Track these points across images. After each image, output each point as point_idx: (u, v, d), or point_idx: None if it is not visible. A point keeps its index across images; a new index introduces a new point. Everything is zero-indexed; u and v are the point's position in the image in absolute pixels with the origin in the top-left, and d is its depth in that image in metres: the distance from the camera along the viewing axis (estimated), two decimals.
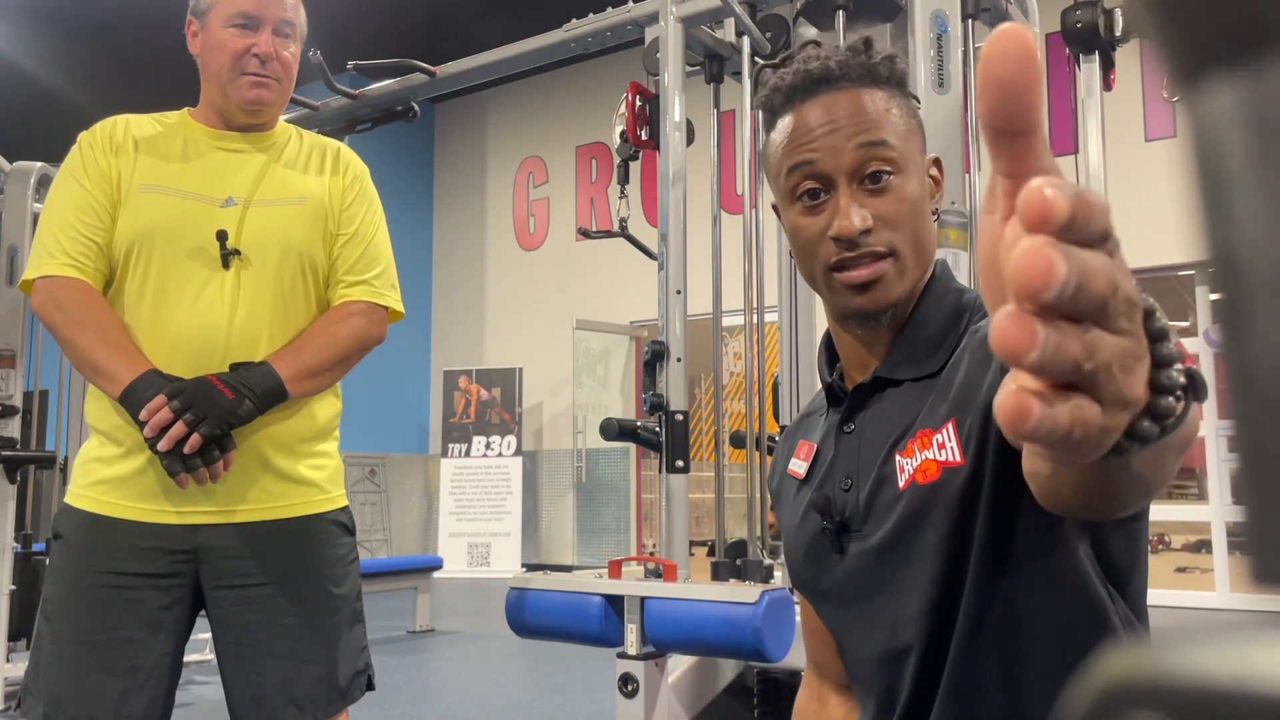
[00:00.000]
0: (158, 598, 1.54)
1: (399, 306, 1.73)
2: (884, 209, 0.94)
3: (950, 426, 0.90)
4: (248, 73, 1.62)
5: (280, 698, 1.56)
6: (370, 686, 1.69)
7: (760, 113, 1.05)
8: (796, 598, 1.22)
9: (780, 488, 1.14)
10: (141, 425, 1.47)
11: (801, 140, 0.96)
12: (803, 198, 0.97)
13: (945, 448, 0.90)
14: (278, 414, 1.58)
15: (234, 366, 1.55)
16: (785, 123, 0.99)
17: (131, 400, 1.48)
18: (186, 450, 1.46)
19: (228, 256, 1.57)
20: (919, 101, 1.10)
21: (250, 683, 1.57)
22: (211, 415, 1.48)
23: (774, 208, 1.06)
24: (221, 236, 1.57)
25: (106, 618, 1.52)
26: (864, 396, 1.01)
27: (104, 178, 1.60)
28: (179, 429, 1.45)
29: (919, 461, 0.92)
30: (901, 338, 0.99)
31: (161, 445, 1.46)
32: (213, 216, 1.59)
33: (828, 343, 1.09)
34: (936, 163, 1.01)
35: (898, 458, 0.94)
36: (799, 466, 1.09)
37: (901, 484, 0.93)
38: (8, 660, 3.78)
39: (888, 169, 0.94)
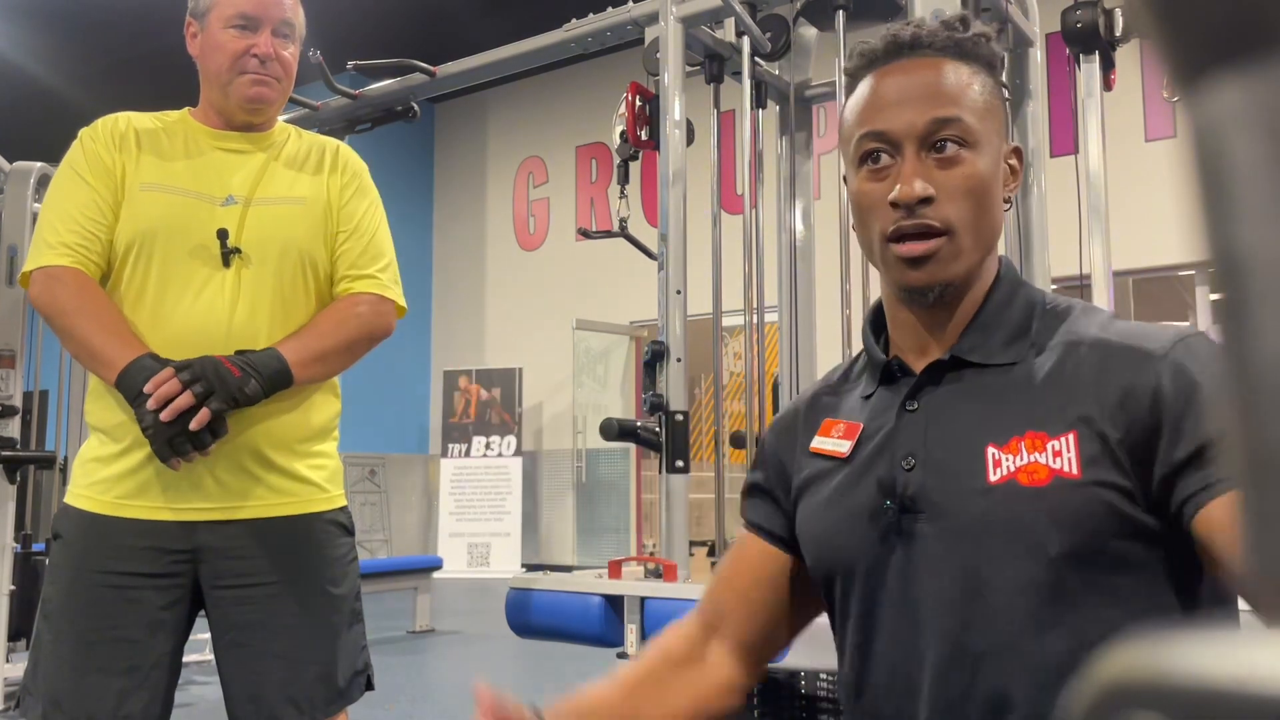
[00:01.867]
0: (156, 597, 1.53)
1: (403, 301, 1.73)
2: (948, 182, 0.92)
3: (1071, 437, 0.87)
4: (247, 72, 1.62)
5: (278, 697, 1.56)
6: (370, 686, 1.68)
7: (846, 80, 1.04)
8: (737, 540, 1.14)
9: (801, 461, 1.07)
10: (139, 407, 1.45)
11: (875, 103, 0.95)
12: (868, 161, 0.95)
13: (1062, 456, 0.87)
14: (277, 411, 1.58)
15: (238, 352, 1.54)
16: (864, 86, 0.98)
17: (128, 382, 1.46)
18: (194, 425, 1.44)
19: (228, 255, 1.57)
20: (1009, 92, 1.10)
21: (249, 682, 1.56)
22: (220, 390, 1.46)
23: (844, 179, 1.04)
24: (222, 235, 1.57)
25: (105, 617, 1.51)
26: (935, 375, 0.97)
27: (107, 174, 1.59)
28: (186, 399, 1.44)
29: (1026, 461, 0.88)
30: (976, 321, 0.96)
31: (165, 415, 1.43)
32: (213, 215, 1.59)
33: (875, 318, 1.05)
34: (1016, 152, 1.00)
35: (992, 449, 0.90)
36: (840, 446, 1.02)
37: (995, 478, 0.89)
38: (7, 660, 3.78)
39: (958, 141, 0.93)
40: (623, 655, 2.29)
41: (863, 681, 0.98)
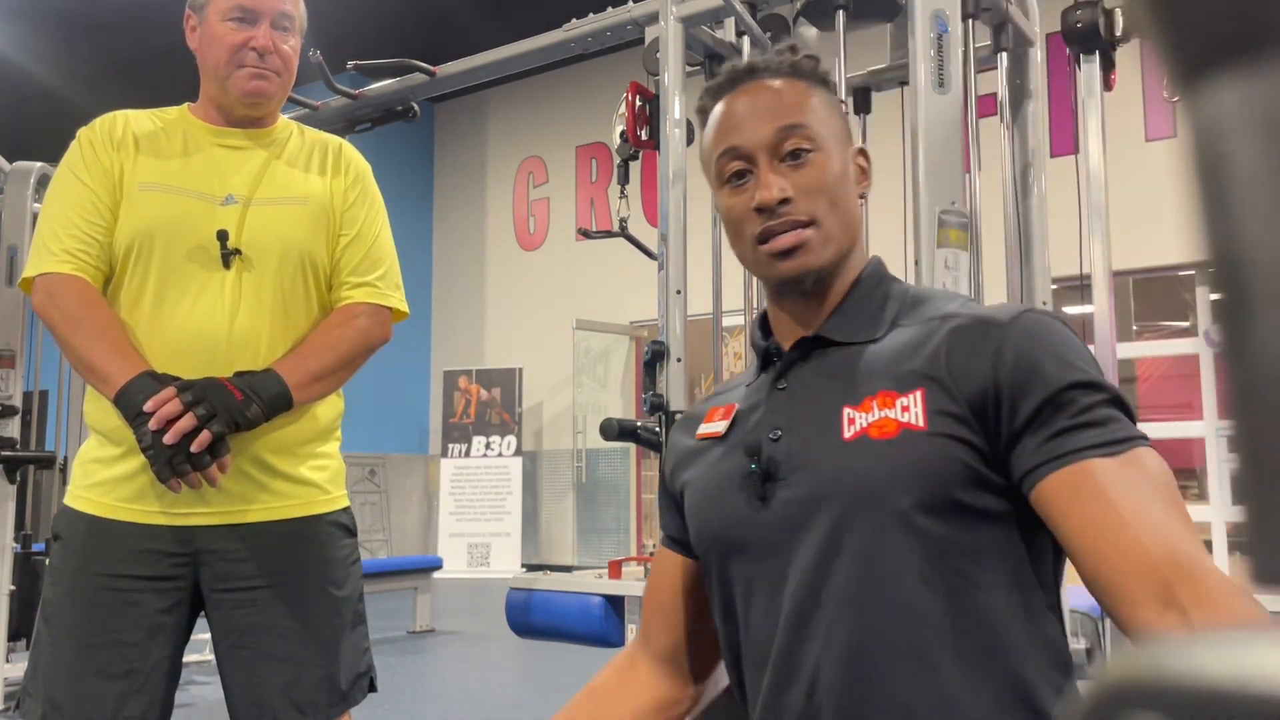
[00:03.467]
0: (156, 601, 1.52)
1: (403, 306, 1.71)
2: (803, 181, 1.01)
3: (919, 393, 0.94)
4: (245, 66, 1.60)
5: (281, 700, 1.55)
6: (372, 688, 1.67)
7: (697, 118, 1.13)
8: (655, 562, 1.21)
9: (686, 457, 1.14)
10: (139, 427, 1.43)
11: (727, 125, 1.04)
12: (730, 179, 1.04)
13: (910, 410, 0.93)
14: (281, 417, 1.57)
15: (238, 374, 1.52)
16: (715, 114, 1.07)
17: (125, 401, 1.44)
18: (195, 447, 1.42)
19: (228, 256, 1.55)
20: (846, 105, 1.19)
21: (251, 685, 1.55)
22: (222, 413, 1.44)
23: (716, 207, 1.13)
24: (222, 236, 1.55)
25: (104, 620, 1.50)
26: (802, 352, 1.05)
27: (106, 175, 1.57)
28: (189, 421, 1.41)
29: (877, 417, 0.95)
30: (843, 306, 1.05)
31: (168, 438, 1.40)
32: (213, 215, 1.57)
33: (762, 318, 1.13)
34: (862, 153, 1.09)
35: (847, 410, 0.97)
36: (717, 427, 1.10)
37: (849, 434, 0.96)
38: (7, 660, 3.78)
39: (806, 147, 1.01)
40: None
41: (735, 641, 1.04)
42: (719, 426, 1.10)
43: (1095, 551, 0.84)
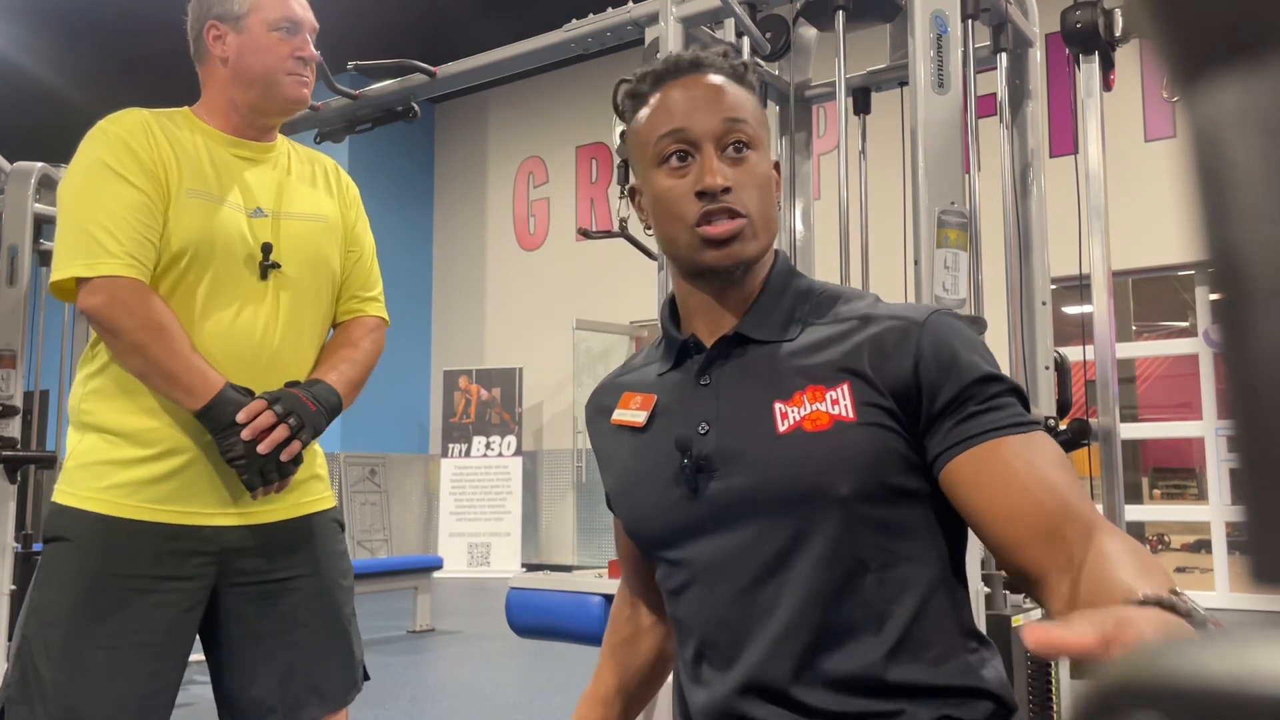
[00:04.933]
0: (181, 600, 1.54)
1: (389, 318, 1.86)
2: (741, 177, 1.05)
3: (846, 386, 1.00)
4: (293, 74, 1.68)
5: (303, 687, 1.63)
6: (366, 676, 1.76)
7: (625, 102, 1.15)
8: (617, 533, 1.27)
9: (603, 439, 1.20)
10: (228, 438, 1.51)
11: (673, 110, 1.07)
12: (670, 159, 1.06)
13: (839, 403, 1.00)
14: None
15: (297, 384, 1.62)
16: (656, 99, 1.10)
17: (215, 413, 1.50)
18: (285, 456, 1.53)
19: (267, 268, 1.61)
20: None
21: (274, 673, 1.61)
22: (309, 424, 1.56)
23: (629, 192, 1.16)
24: (266, 249, 1.61)
25: (127, 622, 1.49)
26: (723, 351, 1.09)
27: (153, 177, 1.55)
28: (282, 431, 1.52)
29: (809, 411, 1.01)
30: (758, 303, 1.09)
31: (264, 447, 1.51)
32: (250, 227, 1.61)
33: (671, 304, 1.16)
34: (776, 165, 1.13)
35: (778, 404, 1.02)
36: (635, 416, 1.14)
37: (783, 428, 1.01)
38: (7, 660, 3.77)
39: (746, 143, 1.06)
40: None
41: (683, 623, 1.09)
42: (638, 417, 1.14)
43: (1000, 510, 0.93)
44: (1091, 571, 0.86)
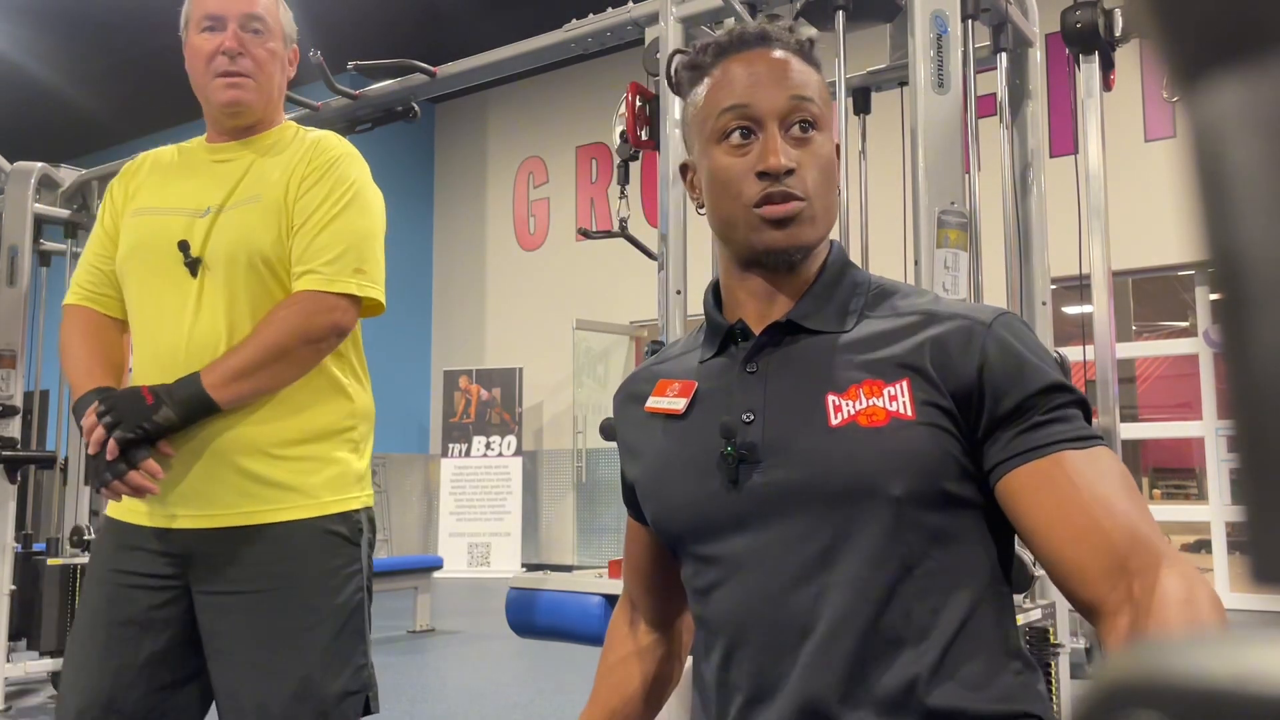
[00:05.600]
0: (147, 597, 1.56)
1: (367, 291, 1.59)
2: (805, 158, 1.00)
3: (905, 384, 0.95)
4: (219, 74, 1.62)
5: (251, 709, 1.51)
6: (369, 709, 1.59)
7: (682, 74, 1.09)
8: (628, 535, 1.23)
9: (634, 430, 1.13)
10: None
11: (737, 84, 1.02)
12: (732, 135, 1.01)
13: (897, 400, 0.95)
14: (261, 419, 1.55)
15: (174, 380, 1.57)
16: (719, 71, 1.04)
17: (76, 415, 1.57)
18: (109, 456, 1.50)
19: (193, 265, 1.58)
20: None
21: (228, 692, 1.54)
22: (127, 419, 1.49)
23: (682, 167, 1.10)
24: (183, 246, 1.57)
25: (103, 613, 1.57)
26: (773, 338, 1.04)
27: (114, 209, 1.70)
28: (99, 431, 1.50)
29: (864, 406, 0.96)
30: (812, 292, 1.04)
31: (90, 449, 1.52)
32: (188, 228, 1.60)
33: (715, 292, 1.12)
34: (837, 148, 1.08)
35: (832, 396, 0.97)
36: (674, 403, 1.08)
37: (836, 421, 0.96)
38: (8, 660, 3.77)
39: (813, 123, 1.01)
40: None
41: (712, 624, 1.03)
42: (677, 404, 1.08)
43: (1060, 532, 0.89)
44: (1145, 619, 0.82)
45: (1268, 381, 0.20)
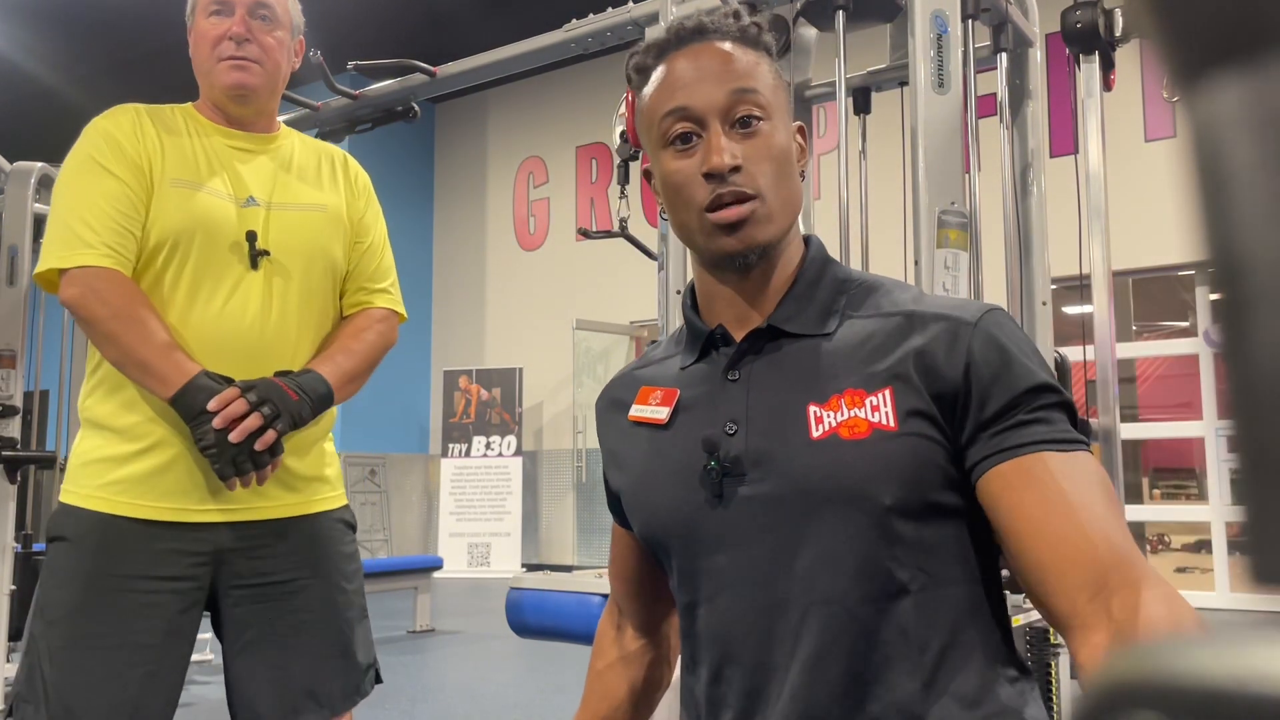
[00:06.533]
0: (175, 602, 1.52)
1: (405, 312, 1.80)
2: (753, 152, 0.96)
3: (888, 392, 0.93)
4: (225, 57, 1.61)
5: (299, 693, 1.58)
6: (378, 679, 1.72)
7: (633, 77, 1.05)
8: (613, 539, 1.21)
9: (618, 438, 1.11)
10: (199, 425, 1.46)
11: (676, 84, 0.98)
12: (675, 141, 0.98)
13: (880, 410, 0.92)
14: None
15: (284, 374, 1.56)
16: (659, 73, 1.01)
17: (186, 400, 1.46)
18: (259, 446, 1.47)
19: (256, 257, 1.58)
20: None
21: (270, 678, 1.57)
22: (285, 413, 1.50)
23: (645, 173, 1.07)
24: (251, 237, 1.58)
25: (123, 623, 1.49)
26: (754, 344, 1.00)
27: (135, 167, 1.55)
28: (255, 420, 1.47)
29: (846, 417, 0.93)
30: (792, 294, 1.01)
31: (235, 436, 1.45)
32: (240, 216, 1.59)
33: (691, 296, 1.08)
34: (801, 130, 1.04)
35: (814, 407, 0.94)
36: (657, 412, 1.05)
37: (818, 434, 0.93)
38: (7, 660, 3.77)
39: (757, 114, 0.97)
40: None
41: (699, 640, 1.01)
42: (660, 413, 1.05)
43: (1039, 535, 0.86)
44: (1130, 640, 0.79)
45: (1267, 381, 0.20)
